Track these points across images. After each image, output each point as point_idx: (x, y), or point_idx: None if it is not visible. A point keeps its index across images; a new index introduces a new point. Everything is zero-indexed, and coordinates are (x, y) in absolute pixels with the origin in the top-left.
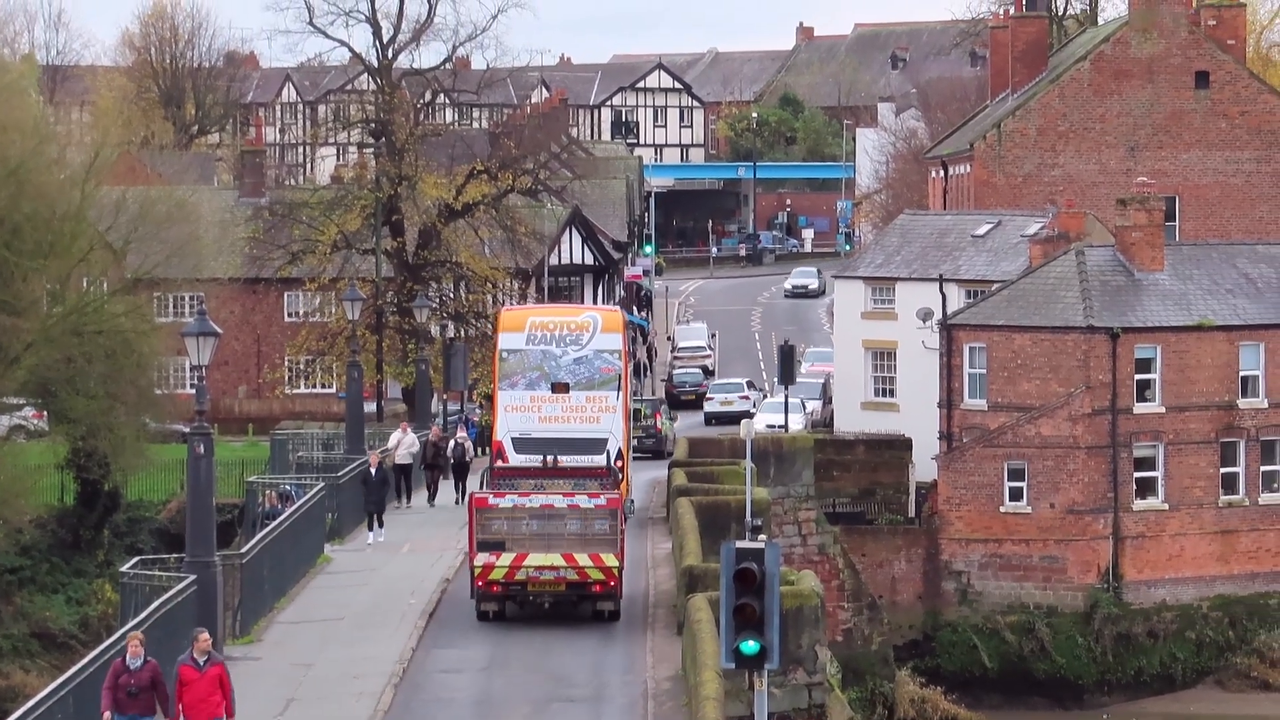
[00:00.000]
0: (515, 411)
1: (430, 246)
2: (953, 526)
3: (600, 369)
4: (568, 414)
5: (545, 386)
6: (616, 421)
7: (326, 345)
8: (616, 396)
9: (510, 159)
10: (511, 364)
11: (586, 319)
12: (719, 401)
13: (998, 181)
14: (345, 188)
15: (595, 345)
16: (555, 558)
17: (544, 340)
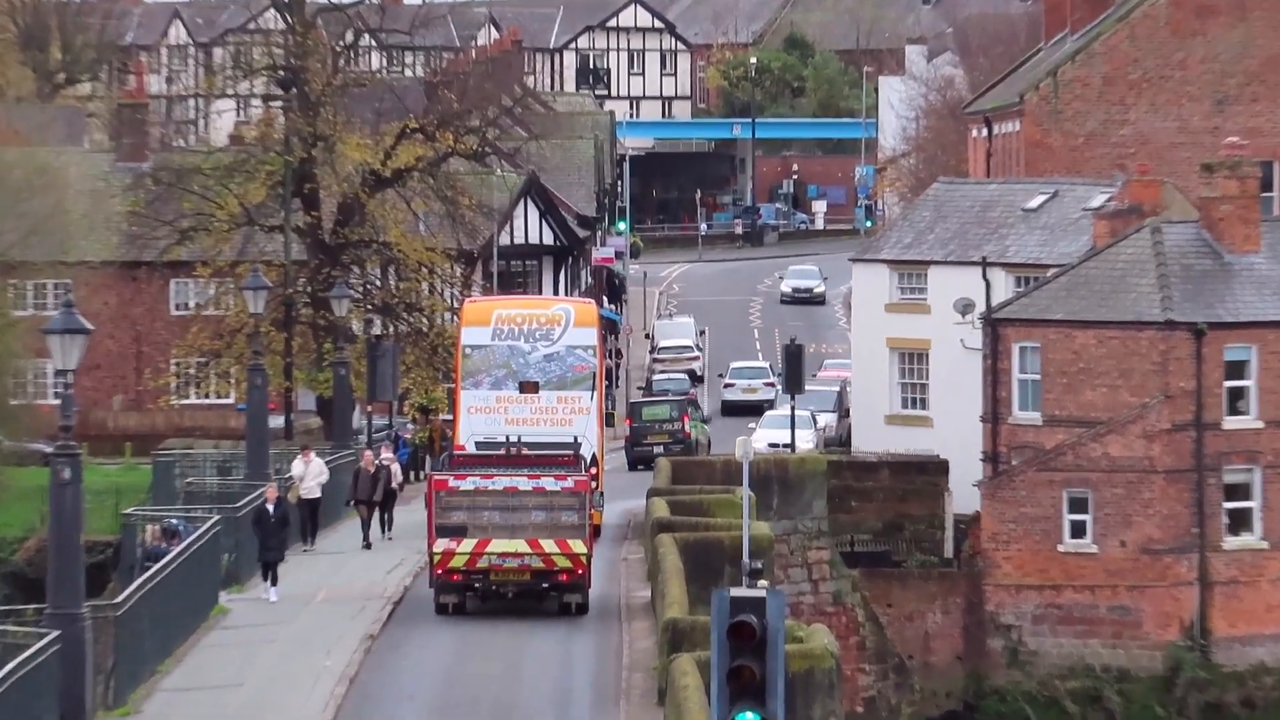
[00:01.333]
0: (479, 413)
1: (352, 223)
2: (1000, 570)
3: (573, 367)
4: (537, 416)
5: (513, 385)
6: (590, 424)
7: (223, 345)
8: (590, 397)
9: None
10: (475, 361)
11: (558, 312)
12: (740, 389)
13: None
14: (247, 150)
15: (568, 341)
16: (520, 544)
17: (512, 335)
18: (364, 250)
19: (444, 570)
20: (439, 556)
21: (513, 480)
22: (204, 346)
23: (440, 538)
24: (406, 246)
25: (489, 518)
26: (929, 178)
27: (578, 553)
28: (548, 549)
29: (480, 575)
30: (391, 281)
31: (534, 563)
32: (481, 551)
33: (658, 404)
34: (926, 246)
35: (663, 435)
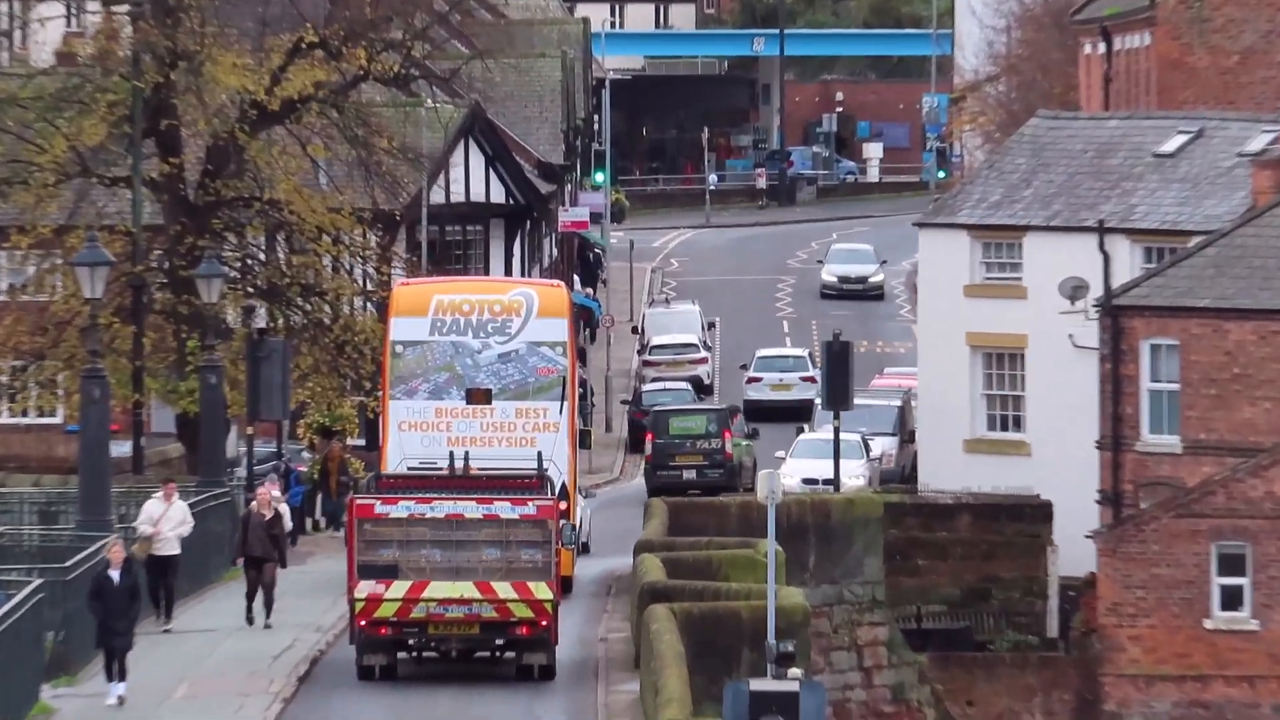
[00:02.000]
0: (414, 430)
1: (227, 174)
2: (1124, 654)
3: (536, 369)
4: (490, 434)
5: (458, 394)
6: (559, 445)
7: (47, 343)
8: (559, 409)
9: (363, 25)
10: (408, 362)
11: (517, 298)
12: (768, 385)
13: (1197, 62)
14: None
15: (529, 335)
16: (466, 588)
17: (456, 328)
18: (243, 211)
19: (368, 622)
20: (362, 604)
21: (457, 506)
22: (20, 345)
23: (363, 580)
24: (302, 206)
25: (427, 554)
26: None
27: (541, 599)
28: (502, 594)
29: (415, 628)
30: (281, 255)
31: (485, 612)
32: (417, 598)
33: (690, 414)
34: (1021, 206)
35: (695, 456)
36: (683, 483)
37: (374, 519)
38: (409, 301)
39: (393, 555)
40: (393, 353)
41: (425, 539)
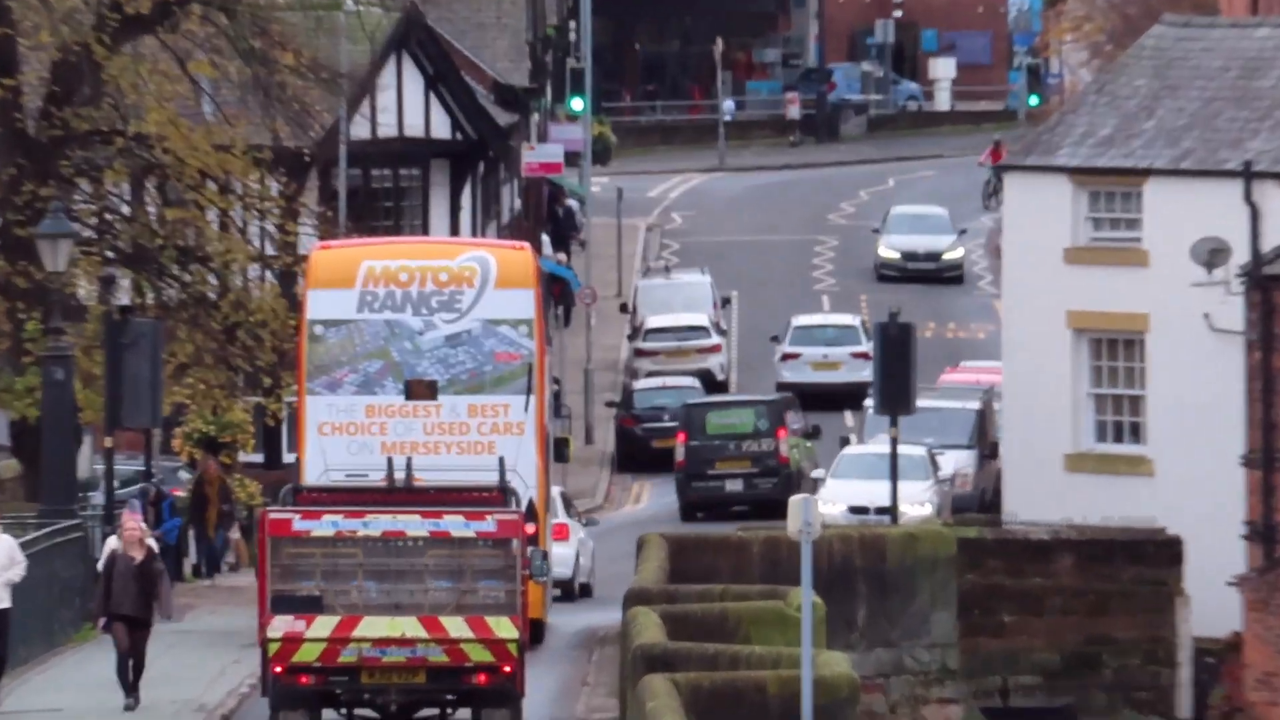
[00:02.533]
0: (338, 434)
1: (78, 100)
2: None
3: (494, 355)
4: (435, 438)
5: (394, 388)
6: (525, 451)
7: None
8: (525, 405)
9: None
10: (331, 347)
11: (469, 264)
12: (809, 363)
13: None
14: None
15: (485, 311)
16: (409, 624)
17: (391, 303)
18: (101, 150)
19: (286, 669)
20: (277, 646)
21: (398, 522)
22: None
23: (278, 615)
24: (180, 143)
25: (359, 583)
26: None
27: (504, 639)
28: (455, 633)
29: (345, 676)
30: (152, 208)
31: (432, 655)
32: (346, 637)
33: (734, 407)
34: (1141, 143)
35: (742, 461)
36: (725, 496)
37: (292, 538)
38: (331, 269)
39: (316, 584)
40: (310, 335)
41: (357, 563)
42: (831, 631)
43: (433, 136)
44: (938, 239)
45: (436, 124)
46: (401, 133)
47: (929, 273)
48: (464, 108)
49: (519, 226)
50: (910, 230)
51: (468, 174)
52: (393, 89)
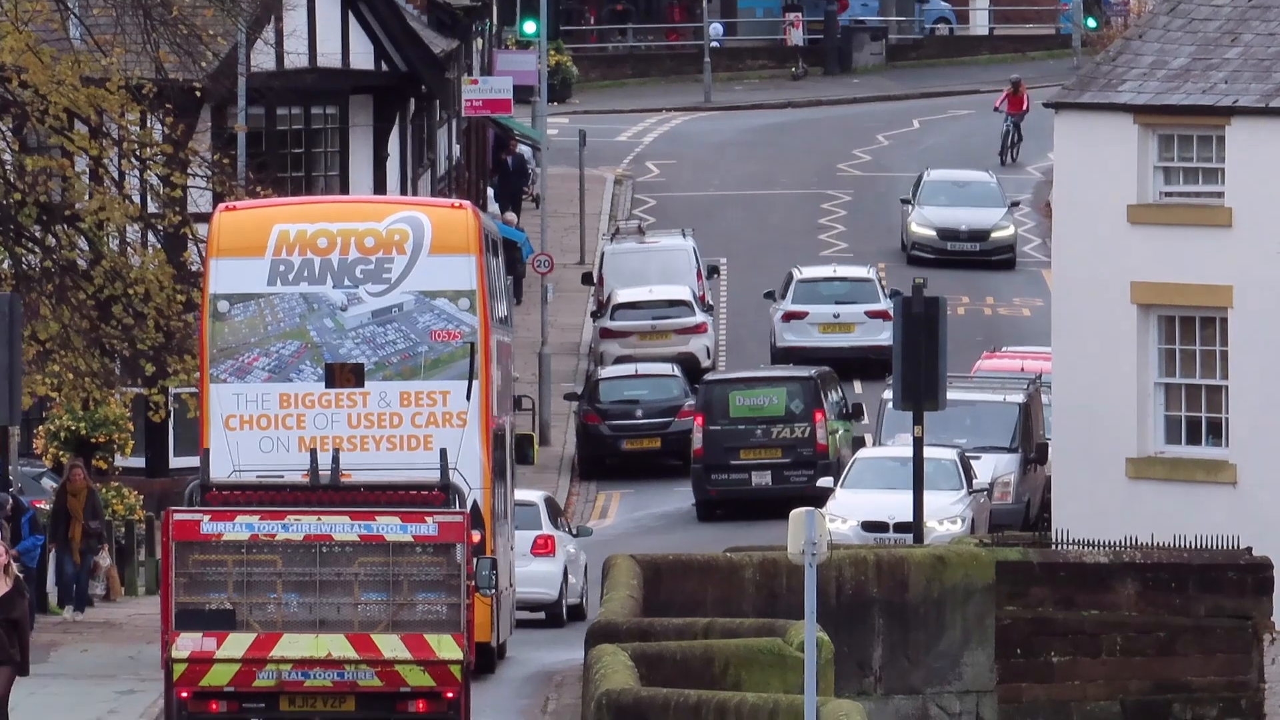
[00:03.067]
0: (248, 427)
1: None
2: None
3: (430, 333)
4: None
5: (313, 373)
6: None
7: None
8: (466, 393)
9: None
10: (239, 325)
11: (399, 225)
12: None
13: None
14: None
15: (419, 282)
16: (336, 643)
17: (309, 273)
18: None
19: (193, 694)
20: (183, 668)
21: (323, 523)
22: None
23: (184, 632)
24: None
25: (279, 595)
26: None
27: (445, 659)
28: (389, 652)
29: (263, 702)
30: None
31: (363, 678)
32: (263, 657)
33: (762, 385)
34: (1223, 76)
35: (772, 449)
36: (751, 491)
37: (200, 542)
38: (237, 234)
39: (228, 596)
40: (213, 312)
41: (276, 572)
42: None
43: (352, 67)
44: (984, 213)
45: (357, 52)
46: (314, 63)
47: (973, 255)
48: (390, 32)
49: (459, 178)
50: (949, 201)
51: (395, 114)
52: (303, 8)
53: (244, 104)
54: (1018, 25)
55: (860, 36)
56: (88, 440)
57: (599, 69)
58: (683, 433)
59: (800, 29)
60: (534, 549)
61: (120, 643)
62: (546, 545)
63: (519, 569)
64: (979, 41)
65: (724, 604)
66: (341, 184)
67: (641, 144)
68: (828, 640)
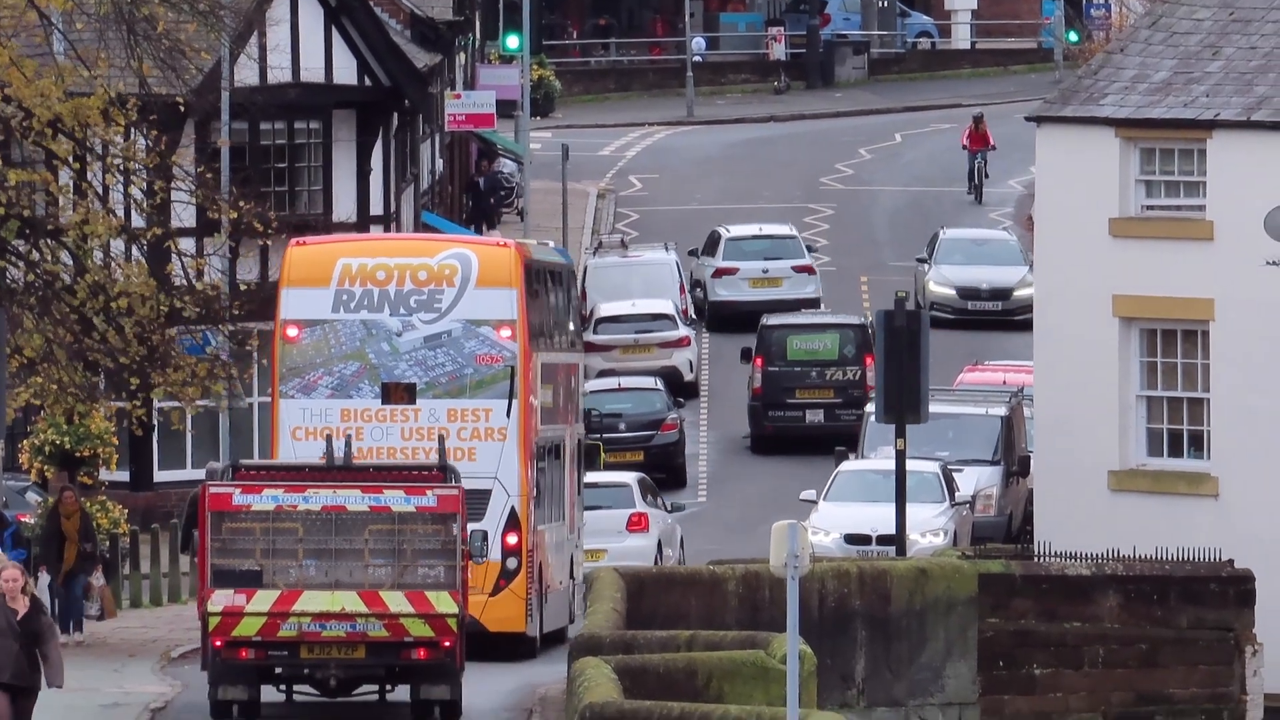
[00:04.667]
0: (313, 438)
1: None
2: None
3: (475, 357)
4: (414, 443)
5: (370, 391)
6: (508, 458)
7: None
8: (508, 410)
9: None
10: (305, 349)
11: (449, 262)
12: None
13: None
14: None
15: (466, 311)
16: (349, 599)
17: (368, 302)
18: None
19: (225, 643)
20: (216, 620)
21: (338, 496)
22: None
23: (218, 589)
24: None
25: (299, 558)
26: None
27: (443, 614)
28: (394, 607)
29: (284, 650)
30: None
31: (372, 629)
32: (286, 611)
33: (817, 331)
34: (1205, 90)
35: (824, 390)
36: (805, 428)
37: (232, 512)
38: (306, 267)
39: (256, 559)
40: (284, 337)
41: (297, 538)
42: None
43: (335, 82)
44: (1005, 271)
45: (340, 67)
46: (297, 77)
47: (995, 315)
48: (373, 47)
49: (442, 193)
50: (967, 260)
51: (378, 128)
52: (286, 23)
53: (228, 118)
54: (1000, 39)
55: (842, 50)
56: (72, 454)
57: (581, 83)
58: (666, 446)
59: (782, 43)
60: (629, 526)
61: (105, 656)
62: (640, 522)
63: (614, 545)
64: (961, 55)
65: (707, 617)
66: (325, 199)
67: (624, 158)
68: (810, 652)
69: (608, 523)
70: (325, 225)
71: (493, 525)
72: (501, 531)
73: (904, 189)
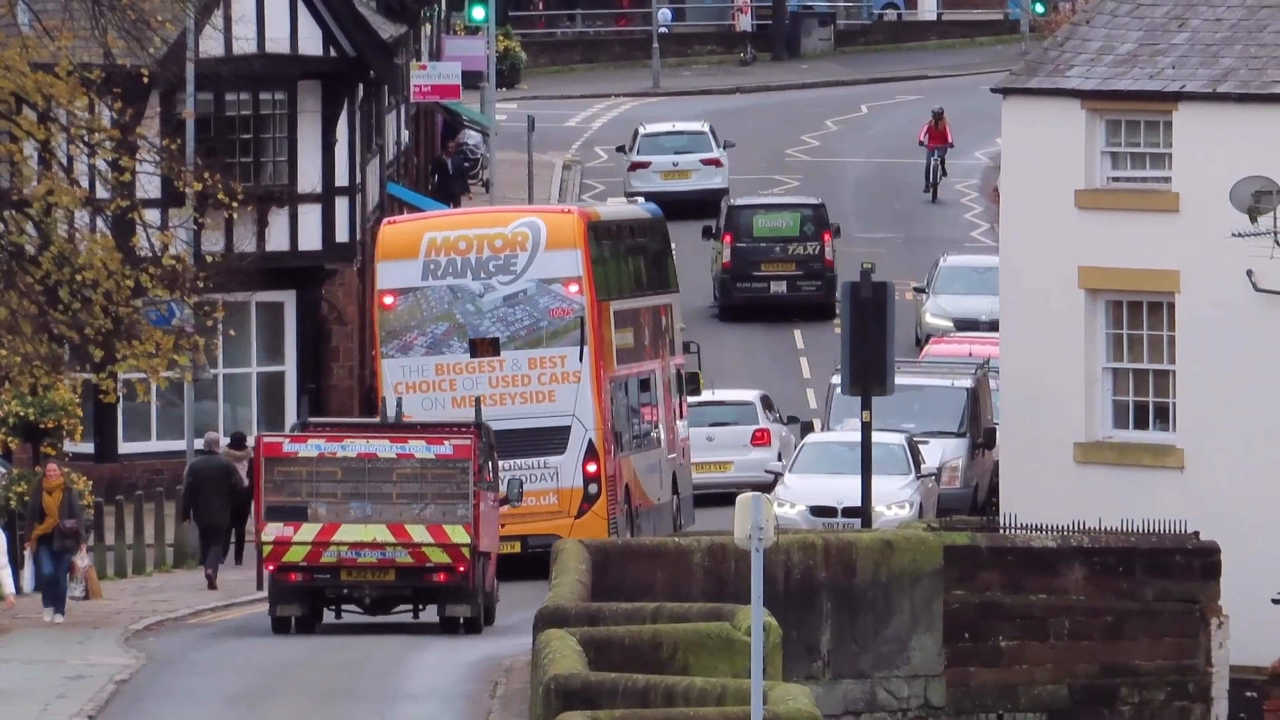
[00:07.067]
0: (413, 392)
1: None
2: None
3: (549, 311)
4: (500, 390)
5: (460, 347)
6: (583, 397)
7: None
8: (580, 356)
9: None
10: (402, 314)
11: (521, 230)
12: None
13: None
14: None
15: (538, 272)
16: (379, 530)
17: (453, 269)
18: None
19: (278, 567)
20: (270, 548)
21: (370, 445)
22: None
23: (271, 522)
24: None
25: (338, 495)
26: None
27: (458, 543)
28: (417, 537)
29: (327, 574)
30: None
31: (399, 556)
32: (327, 540)
33: (779, 210)
34: (1171, 61)
35: (787, 264)
36: (769, 298)
37: (282, 458)
38: (397, 242)
39: (301, 495)
40: (381, 304)
41: (335, 479)
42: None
43: (300, 53)
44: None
45: (305, 37)
46: (262, 48)
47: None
48: (339, 17)
49: (408, 164)
50: (966, 289)
51: (344, 99)
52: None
53: (193, 89)
54: (966, 10)
55: (809, 22)
56: (37, 426)
57: (547, 54)
58: None
59: (749, 14)
60: (753, 440)
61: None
62: (763, 437)
63: (739, 458)
64: (927, 27)
65: (673, 589)
66: (290, 170)
67: (590, 129)
68: (775, 625)
69: (734, 438)
70: (290, 197)
71: (573, 457)
72: (582, 461)
73: (870, 160)
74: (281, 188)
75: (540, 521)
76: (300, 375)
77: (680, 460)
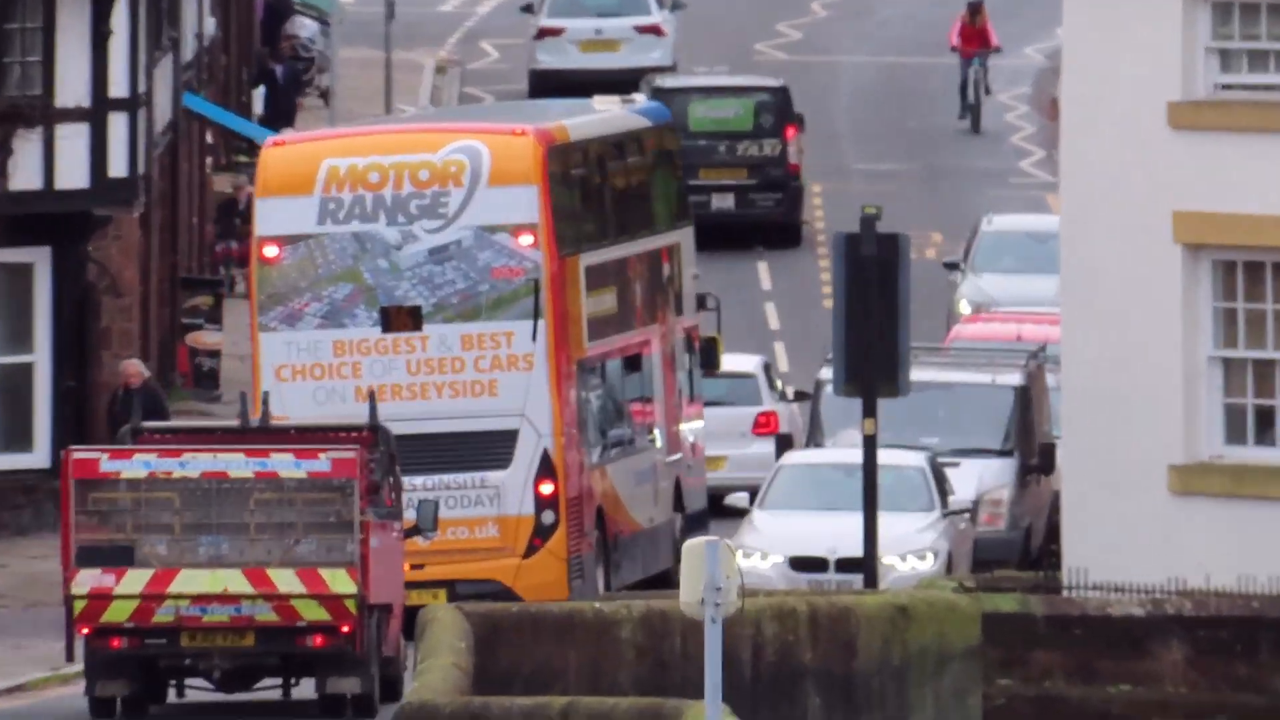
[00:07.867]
0: (301, 378)
1: None
2: None
3: (490, 270)
4: (422, 378)
5: (367, 317)
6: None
7: None
8: (533, 332)
9: None
10: (288, 270)
11: (455, 156)
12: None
13: None
14: None
15: (476, 216)
16: (233, 577)
17: (360, 210)
18: None
19: (94, 630)
20: (83, 604)
21: (218, 461)
22: None
23: (83, 569)
24: None
25: (176, 530)
26: None
27: (340, 593)
28: (284, 587)
29: (163, 638)
30: None
31: (260, 613)
32: (162, 592)
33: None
34: None
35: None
36: (711, 215)
37: (98, 481)
38: (284, 172)
39: (126, 533)
40: (262, 258)
41: (174, 509)
42: None
43: None
44: None
45: None
46: None
47: None
48: None
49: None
50: (1019, 265)
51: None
52: None
53: None
54: None
55: None
56: None
57: None
58: None
59: None
60: (755, 428)
61: None
62: (769, 423)
63: (735, 452)
64: None
65: (592, 675)
66: (45, 75)
67: (474, 15)
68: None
69: (729, 424)
70: (45, 114)
71: (521, 473)
72: (534, 480)
73: (874, 59)
74: (32, 99)
75: (475, 562)
76: (56, 368)
77: (688, 463)
